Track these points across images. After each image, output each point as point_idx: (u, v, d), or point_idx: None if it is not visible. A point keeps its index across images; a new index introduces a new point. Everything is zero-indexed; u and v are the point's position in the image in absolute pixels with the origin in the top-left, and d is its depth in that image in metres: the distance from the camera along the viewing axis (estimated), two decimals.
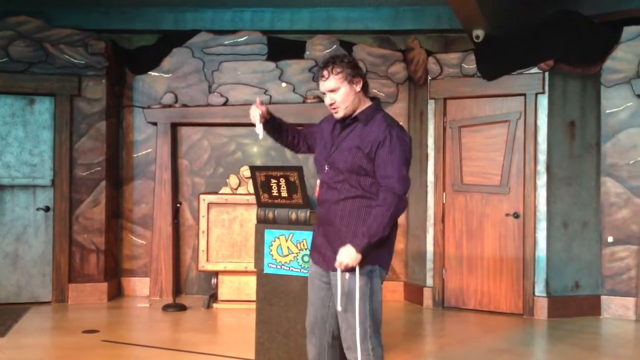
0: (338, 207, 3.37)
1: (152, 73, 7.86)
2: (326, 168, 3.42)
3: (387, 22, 8.09)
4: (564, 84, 6.94)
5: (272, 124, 3.62)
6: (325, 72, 3.37)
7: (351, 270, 3.30)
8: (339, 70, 3.35)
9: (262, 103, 3.56)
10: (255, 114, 3.51)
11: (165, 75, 7.86)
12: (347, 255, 3.24)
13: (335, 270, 3.35)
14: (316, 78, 3.56)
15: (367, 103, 3.44)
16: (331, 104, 3.38)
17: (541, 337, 6.27)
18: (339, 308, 3.34)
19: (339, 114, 3.40)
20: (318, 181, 3.51)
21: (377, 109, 3.45)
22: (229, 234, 7.21)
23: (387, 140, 3.31)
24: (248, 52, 7.87)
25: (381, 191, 3.29)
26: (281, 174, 4.69)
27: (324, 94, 3.41)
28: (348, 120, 3.43)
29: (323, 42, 7.82)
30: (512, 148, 6.99)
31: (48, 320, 6.69)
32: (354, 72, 3.37)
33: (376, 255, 3.35)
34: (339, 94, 3.36)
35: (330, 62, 3.38)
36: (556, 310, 6.80)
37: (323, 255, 3.45)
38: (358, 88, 3.38)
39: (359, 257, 3.24)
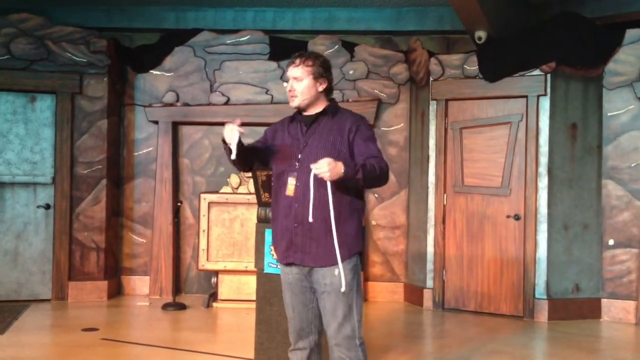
0: (318, 201, 3.33)
1: (154, 72, 7.86)
2: (297, 165, 3.43)
3: (389, 22, 8.09)
4: (566, 86, 6.94)
5: (243, 150, 3.55)
6: (297, 60, 3.49)
7: (340, 261, 3.32)
8: (310, 63, 3.47)
9: (240, 124, 3.47)
10: (232, 134, 3.42)
11: (167, 74, 7.86)
12: (334, 167, 3.18)
13: (323, 266, 3.37)
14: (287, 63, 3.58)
15: (326, 103, 3.55)
16: (290, 90, 3.49)
17: (541, 339, 6.26)
18: (328, 306, 3.36)
19: (294, 103, 3.50)
20: (291, 180, 3.44)
21: (337, 105, 3.61)
22: (229, 233, 7.21)
23: (362, 127, 3.49)
24: (250, 52, 7.87)
25: (373, 159, 3.38)
26: None
27: (288, 79, 3.52)
28: (313, 117, 3.51)
29: (325, 42, 7.82)
30: (513, 150, 6.99)
31: (48, 318, 6.69)
32: (323, 72, 3.49)
33: (357, 243, 3.45)
34: (300, 84, 3.47)
35: (305, 54, 3.53)
36: (556, 313, 6.79)
37: (308, 252, 3.41)
38: (321, 88, 3.50)
39: (337, 176, 3.21)
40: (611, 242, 6.96)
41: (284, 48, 7.83)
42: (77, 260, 7.36)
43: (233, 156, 3.42)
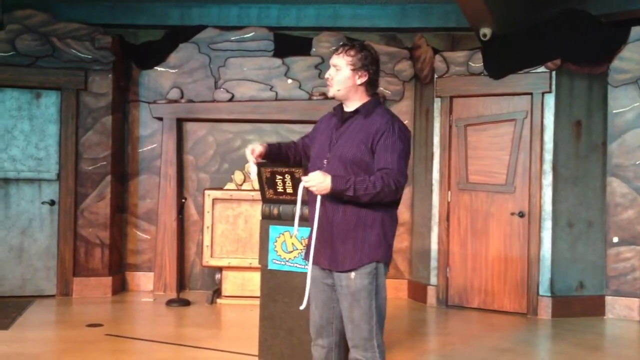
0: (339, 205, 3.30)
1: (158, 68, 7.87)
2: (325, 163, 3.37)
3: (394, 19, 8.08)
4: (571, 84, 6.92)
5: (272, 156, 3.60)
6: (341, 49, 3.41)
7: (356, 269, 3.30)
8: (352, 54, 3.37)
9: (262, 145, 3.51)
10: (252, 156, 3.48)
11: (171, 71, 7.87)
12: (322, 182, 3.17)
13: (341, 271, 3.33)
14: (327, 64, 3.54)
15: (366, 98, 3.41)
16: (328, 79, 3.43)
17: (545, 336, 6.26)
18: (345, 308, 3.35)
19: (330, 92, 3.44)
20: None
21: (377, 103, 3.43)
22: (233, 229, 7.21)
23: (388, 132, 3.28)
24: (254, 49, 7.87)
25: (383, 173, 3.23)
26: (287, 170, 4.67)
27: (329, 67, 3.46)
28: (348, 114, 3.41)
29: (329, 39, 7.81)
30: (518, 147, 6.98)
31: (52, 313, 6.71)
32: (364, 65, 3.36)
33: (378, 251, 3.34)
34: (338, 73, 3.38)
35: (351, 44, 3.43)
36: (560, 310, 6.79)
37: (325, 255, 3.40)
38: (359, 81, 3.37)
39: (325, 191, 3.18)
40: (615, 239, 6.95)
41: (289, 45, 7.84)
42: (81, 256, 7.37)
43: (252, 176, 3.46)
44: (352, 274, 3.32)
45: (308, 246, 3.49)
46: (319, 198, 3.29)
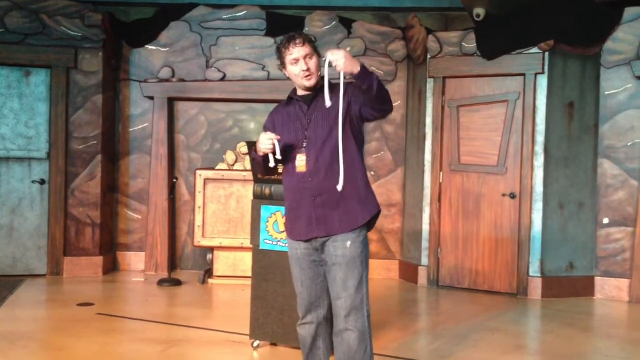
0: (334, 168, 3.35)
1: (149, 46, 7.80)
2: (304, 143, 3.44)
3: None
4: (564, 65, 6.91)
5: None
6: (298, 40, 3.43)
7: (350, 232, 3.40)
8: (310, 39, 3.48)
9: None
10: (268, 142, 3.43)
11: (162, 49, 7.80)
12: (350, 59, 3.15)
13: (342, 232, 3.40)
14: (282, 46, 3.50)
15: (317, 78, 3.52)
16: (306, 70, 3.42)
17: (534, 316, 6.30)
18: (339, 278, 3.39)
19: (312, 82, 3.46)
20: (300, 157, 3.45)
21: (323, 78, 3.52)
22: (225, 209, 7.20)
23: (353, 85, 3.35)
24: (246, 27, 7.81)
25: None
26: None
27: (295, 61, 3.42)
28: (312, 94, 3.49)
29: (322, 18, 7.76)
30: (510, 128, 6.98)
31: (43, 292, 6.70)
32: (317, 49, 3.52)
33: (370, 205, 3.48)
34: (312, 61, 3.44)
35: (298, 34, 3.49)
36: (550, 290, 6.83)
37: (330, 221, 3.42)
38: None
39: (354, 68, 3.16)
40: (606, 220, 6.98)
41: (281, 24, 7.78)
42: (72, 235, 7.35)
43: (272, 163, 3.45)
44: (348, 243, 3.40)
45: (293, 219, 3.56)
46: (326, 88, 3.30)
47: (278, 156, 3.43)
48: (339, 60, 3.12)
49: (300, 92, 3.56)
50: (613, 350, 5.18)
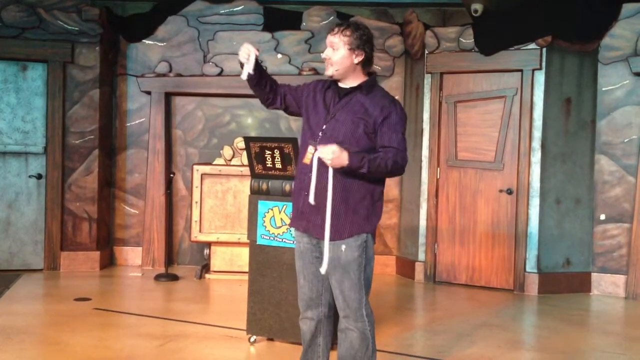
0: (334, 178, 3.31)
1: (147, 41, 7.78)
2: (320, 135, 3.39)
3: None
4: (562, 61, 6.91)
5: (259, 68, 3.53)
6: (336, 29, 3.42)
7: (345, 238, 3.35)
8: (348, 34, 3.39)
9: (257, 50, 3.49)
10: (249, 51, 3.42)
11: (160, 44, 7.79)
12: (338, 156, 3.17)
13: (323, 238, 3.34)
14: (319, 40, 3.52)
15: (363, 78, 3.47)
16: (326, 59, 3.43)
17: (531, 312, 6.31)
18: (336, 279, 3.38)
19: (328, 72, 3.44)
20: (310, 148, 3.41)
21: (375, 82, 3.53)
22: (222, 205, 7.20)
23: (393, 112, 3.38)
24: (244, 22, 7.79)
25: (391, 151, 3.33)
26: (275, 145, 4.66)
27: (327, 46, 3.45)
28: (347, 90, 3.44)
29: (320, 14, 7.74)
30: (507, 124, 6.98)
31: (40, 287, 6.69)
32: (361, 44, 3.40)
33: (368, 223, 3.41)
34: (335, 53, 3.40)
35: (347, 24, 3.45)
36: (547, 287, 6.84)
37: (313, 222, 3.41)
38: (356, 60, 3.42)
39: (340, 165, 3.19)
40: (602, 216, 6.99)
41: (278, 19, 7.77)
42: (69, 230, 7.35)
43: (246, 73, 3.40)
44: (343, 247, 3.36)
45: (299, 214, 3.52)
46: (314, 169, 3.29)
47: (250, 71, 3.42)
48: (327, 158, 3.18)
49: (340, 84, 3.48)
50: (610, 346, 5.19)
